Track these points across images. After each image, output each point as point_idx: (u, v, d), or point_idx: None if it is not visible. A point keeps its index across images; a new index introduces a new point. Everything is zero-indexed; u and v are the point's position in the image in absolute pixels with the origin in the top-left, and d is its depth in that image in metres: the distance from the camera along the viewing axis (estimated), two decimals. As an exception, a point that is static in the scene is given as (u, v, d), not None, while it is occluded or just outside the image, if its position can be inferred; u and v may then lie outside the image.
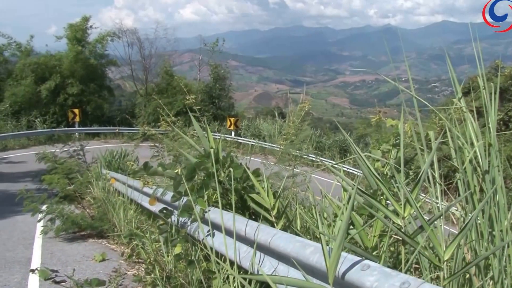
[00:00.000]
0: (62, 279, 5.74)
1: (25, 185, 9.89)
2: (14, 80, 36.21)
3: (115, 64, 41.07)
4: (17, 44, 37.76)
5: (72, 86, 35.92)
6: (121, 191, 9.22)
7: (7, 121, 32.53)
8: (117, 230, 7.83)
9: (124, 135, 34.19)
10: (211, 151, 4.62)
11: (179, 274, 5.07)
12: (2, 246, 8.10)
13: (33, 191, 8.60)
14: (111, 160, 14.08)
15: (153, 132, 8.01)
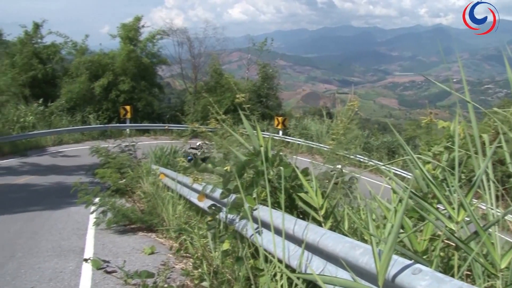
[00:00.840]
0: (113, 269, 5.89)
1: (79, 178, 10.20)
2: (70, 78, 37.48)
3: (165, 62, 41.75)
4: (73, 43, 39.11)
5: (124, 83, 36.74)
6: (170, 187, 9.38)
7: (62, 116, 33.71)
8: (166, 224, 7.98)
9: (173, 132, 34.76)
10: (261, 149, 4.64)
11: (226, 270, 5.14)
12: (58, 235, 8.41)
13: (87, 184, 8.87)
14: (161, 156, 14.33)
15: (202, 130, 8.11)
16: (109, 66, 37.33)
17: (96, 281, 5.65)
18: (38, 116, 31.96)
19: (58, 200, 12.76)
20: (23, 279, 5.88)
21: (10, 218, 10.40)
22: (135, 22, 38.65)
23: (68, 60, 40.57)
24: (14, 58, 36.52)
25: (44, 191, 15.19)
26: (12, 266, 6.46)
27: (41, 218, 10.44)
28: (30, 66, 36.20)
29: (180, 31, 42.31)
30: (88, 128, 33.42)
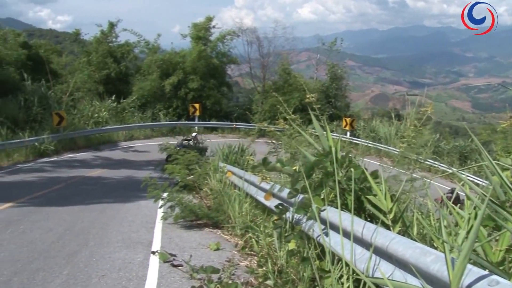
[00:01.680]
0: (179, 263, 6.01)
1: (149, 173, 10.48)
2: (142, 75, 38.77)
3: (235, 62, 42.18)
4: (145, 42, 40.36)
5: (193, 81, 37.43)
6: (237, 185, 9.47)
7: (134, 113, 34.82)
8: (232, 221, 8.06)
9: (240, 131, 35.10)
10: (331, 150, 4.60)
11: (291, 269, 5.13)
12: (127, 227, 8.68)
13: (156, 179, 9.10)
14: (228, 154, 14.47)
15: (271, 129, 8.13)
16: (179, 65, 38.18)
17: (163, 273, 5.78)
18: (111, 112, 33.17)
19: (128, 193, 13.18)
20: (95, 267, 6.11)
21: (84, 208, 10.84)
22: (206, 22, 39.33)
23: (141, 58, 41.90)
24: (90, 56, 38.10)
25: (115, 184, 15.73)
26: (85, 254, 6.73)
27: (112, 210, 10.82)
28: (104, 65, 37.59)
29: (249, 31, 42.72)
30: (158, 125, 34.37)
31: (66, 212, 10.32)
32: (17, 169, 19.12)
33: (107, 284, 5.42)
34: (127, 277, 5.69)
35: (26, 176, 17.10)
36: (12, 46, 35.44)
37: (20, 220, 9.29)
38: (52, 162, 21.21)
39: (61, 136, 25.15)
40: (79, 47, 40.61)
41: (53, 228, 8.55)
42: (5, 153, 20.84)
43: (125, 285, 5.41)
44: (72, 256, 6.61)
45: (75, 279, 5.61)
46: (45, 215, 9.92)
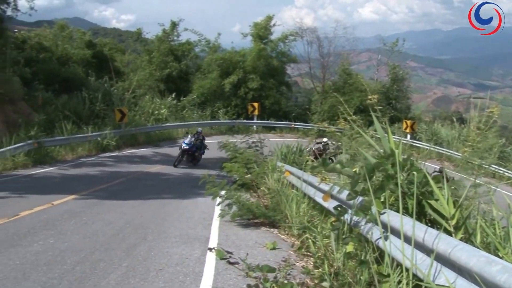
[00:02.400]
0: (235, 261, 6.05)
1: (207, 170, 10.61)
2: (202, 74, 39.33)
3: (295, 61, 42.07)
4: (206, 41, 40.97)
5: (253, 81, 37.62)
6: (294, 184, 9.43)
7: (194, 110, 35.36)
8: (289, 221, 8.03)
9: (299, 130, 35.00)
10: (393, 152, 4.51)
11: (348, 272, 5.06)
12: (185, 223, 8.82)
13: (214, 177, 9.19)
14: (287, 154, 14.43)
15: (332, 129, 8.06)
16: (239, 64, 38.46)
17: (219, 270, 5.82)
18: (171, 109, 33.84)
19: (186, 190, 13.39)
20: (153, 261, 6.23)
21: (143, 203, 11.10)
22: (267, 21, 39.46)
23: (201, 57, 42.51)
24: (152, 55, 38.97)
25: (173, 180, 16.02)
26: (143, 248, 6.87)
27: (171, 206, 11.02)
28: (166, 63, 38.37)
29: (309, 30, 42.46)
30: (216, 123, 34.76)
31: (126, 206, 10.60)
32: (80, 162, 19.85)
33: (164, 278, 5.51)
34: (184, 272, 5.77)
35: (89, 170, 17.72)
36: (78, 45, 36.75)
37: (83, 212, 9.62)
38: (113, 157, 21.87)
39: (123, 132, 25.90)
40: (141, 46, 41.69)
41: (114, 221, 8.79)
42: (69, 147, 21.67)
43: (182, 280, 5.48)
44: (131, 249, 6.77)
45: (134, 271, 5.74)
46: (106, 208, 10.23)
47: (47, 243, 6.97)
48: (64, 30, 38.05)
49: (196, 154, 19.91)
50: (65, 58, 33.72)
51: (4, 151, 17.24)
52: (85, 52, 35.99)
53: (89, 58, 36.01)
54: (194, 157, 19.86)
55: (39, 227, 8.04)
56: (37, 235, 7.41)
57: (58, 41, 35.60)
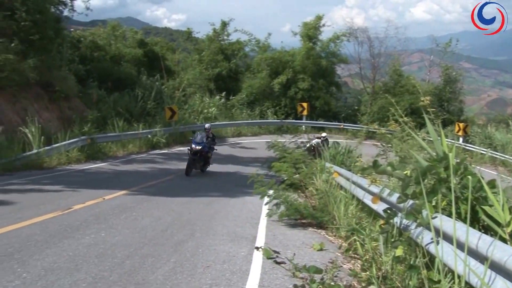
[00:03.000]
0: (282, 260, 6.03)
1: (256, 169, 10.64)
2: (251, 73, 39.50)
3: (345, 61, 41.71)
4: (256, 41, 41.07)
5: (303, 81, 37.54)
6: (343, 186, 9.34)
7: (243, 110, 35.57)
8: (337, 223, 7.96)
9: (348, 131, 34.68)
10: (446, 155, 4.40)
11: (396, 276, 4.97)
12: (233, 221, 8.88)
13: (263, 176, 9.20)
14: (335, 155, 14.31)
15: (382, 131, 7.93)
16: (289, 64, 38.44)
17: (266, 269, 5.82)
18: (220, 108, 34.12)
19: (234, 188, 13.47)
20: (200, 257, 6.29)
21: (191, 200, 11.23)
22: (317, 21, 39.31)
23: (251, 56, 42.72)
24: (202, 54, 39.40)
25: (222, 178, 16.14)
26: (191, 245, 6.95)
27: (219, 203, 11.11)
28: (216, 62, 38.71)
29: (360, 30, 41.95)
30: (265, 122, 34.86)
31: (174, 202, 10.76)
32: (131, 159, 20.30)
33: (211, 275, 5.55)
34: (231, 270, 5.80)
35: (139, 166, 18.10)
36: (130, 44, 37.54)
37: (133, 207, 9.83)
38: (163, 154, 22.27)
39: (172, 130, 26.34)
40: (191, 45, 42.23)
41: (162, 217, 8.94)
42: (121, 143, 22.21)
43: (229, 277, 5.51)
44: (179, 245, 6.85)
45: (181, 267, 5.81)
46: (155, 204, 10.42)
47: (98, 236, 7.16)
48: (117, 29, 38.94)
49: (209, 155, 17.06)
50: (118, 56, 34.53)
51: (59, 146, 17.81)
52: (137, 51, 36.71)
53: (141, 57, 36.71)
54: (207, 160, 16.96)
55: (91, 220, 8.26)
56: (89, 228, 7.63)
57: (112, 40, 36.48)
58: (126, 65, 34.06)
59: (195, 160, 16.02)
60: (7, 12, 19.15)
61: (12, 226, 7.43)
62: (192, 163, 15.94)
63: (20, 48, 19.30)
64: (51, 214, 8.52)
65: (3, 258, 5.77)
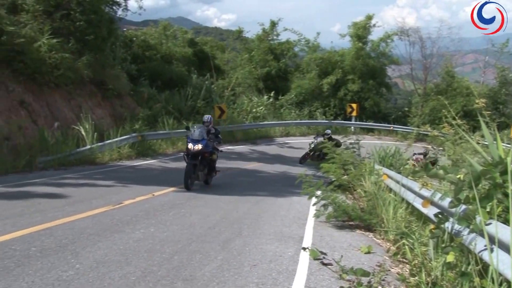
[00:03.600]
0: (329, 262, 6.00)
1: (304, 170, 10.60)
2: (301, 73, 39.39)
3: (396, 62, 41.00)
4: (305, 41, 40.97)
5: (353, 82, 37.24)
6: (392, 188, 9.20)
7: (291, 109, 35.55)
8: (385, 226, 7.84)
9: (397, 133, 34.14)
10: (502, 160, 4.26)
11: (446, 283, 4.86)
12: (280, 221, 8.88)
13: (311, 177, 9.16)
14: (384, 157, 14.10)
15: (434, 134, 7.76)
16: (338, 64, 38.16)
17: (312, 270, 5.80)
18: (268, 107, 34.20)
19: (282, 188, 13.47)
20: (247, 256, 6.32)
21: (239, 199, 11.30)
22: (367, 20, 38.83)
23: (300, 56, 42.62)
24: (252, 54, 39.58)
25: (269, 178, 16.17)
26: (238, 243, 6.99)
27: (266, 203, 11.13)
28: (265, 62, 38.81)
29: (412, 31, 41.07)
30: (314, 123, 34.74)
31: (222, 200, 10.85)
32: (180, 156, 20.45)
33: (258, 274, 5.57)
34: (277, 269, 5.80)
35: (188, 164, 18.32)
36: (180, 43, 38.07)
37: (181, 204, 9.99)
38: (211, 153, 22.45)
39: (221, 129, 26.49)
40: (241, 44, 42.51)
41: (211, 215, 9.03)
42: (170, 141, 22.59)
43: (275, 277, 5.52)
44: (226, 243, 6.91)
45: (228, 265, 5.85)
46: (203, 201, 10.54)
47: (147, 231, 7.31)
48: (168, 29, 39.56)
49: (214, 156, 13.06)
50: (169, 56, 35.08)
51: (111, 142, 18.27)
52: (187, 50, 37.19)
53: (191, 56, 37.18)
54: (212, 165, 12.97)
55: (141, 215, 8.45)
56: (139, 223, 7.80)
57: (163, 40, 37.09)
58: (177, 64, 34.58)
59: (195, 166, 12.04)
60: (64, 12, 19.80)
61: (67, 219, 7.70)
62: (191, 170, 11.91)
63: (75, 47, 19.95)
64: (103, 209, 8.76)
65: (58, 249, 6.00)
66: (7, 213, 7.87)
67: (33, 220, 7.47)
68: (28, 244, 6.08)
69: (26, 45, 17.20)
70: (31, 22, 18.42)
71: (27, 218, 7.59)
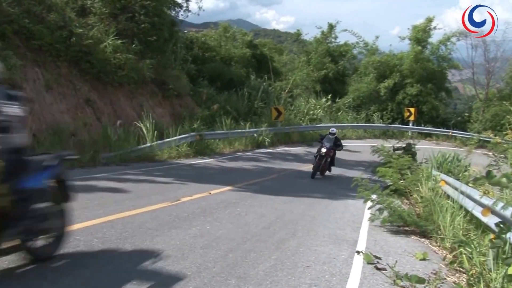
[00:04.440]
0: (383, 267, 5.97)
1: (360, 173, 10.54)
2: (358, 76, 38.98)
3: (457, 67, 39.83)
4: (364, 43, 40.48)
5: (411, 86, 36.52)
6: (450, 195, 9.02)
7: (348, 113, 35.29)
8: (442, 233, 7.72)
9: (456, 139, 33.23)
10: None
11: (506, 295, 4.75)
12: (334, 223, 8.88)
13: (367, 180, 9.11)
14: (442, 163, 13.79)
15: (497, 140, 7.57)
16: (396, 68, 37.51)
17: (366, 274, 5.79)
18: (325, 110, 34.05)
19: (337, 191, 13.40)
20: (301, 257, 6.36)
21: (294, 200, 11.32)
22: (426, 23, 37.86)
23: (358, 59, 42.20)
24: (310, 56, 39.46)
25: (325, 180, 16.10)
26: (292, 244, 7.05)
27: (321, 205, 11.12)
28: (323, 65, 38.62)
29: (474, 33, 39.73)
30: (371, 126, 34.40)
31: (277, 201, 10.90)
32: (236, 156, 20.82)
33: (311, 275, 5.61)
34: (330, 271, 5.82)
35: (244, 164, 18.51)
36: (239, 45, 38.44)
37: (237, 203, 10.12)
38: (267, 153, 22.61)
39: (278, 130, 26.71)
40: (299, 47, 42.44)
41: (265, 215, 9.12)
42: (228, 141, 22.87)
43: (328, 279, 5.54)
44: (280, 243, 6.97)
45: (282, 265, 5.91)
46: (259, 201, 10.63)
47: (204, 228, 7.47)
48: (227, 31, 39.99)
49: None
50: (228, 57, 35.49)
51: (170, 141, 18.67)
52: (245, 51, 37.49)
53: (249, 58, 37.46)
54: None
55: (197, 213, 8.63)
56: (195, 220, 7.97)
57: (222, 42, 37.54)
58: (236, 66, 34.95)
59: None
60: (128, 15, 20.46)
61: (127, 213, 7.96)
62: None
63: (138, 48, 20.54)
64: (161, 204, 9.00)
65: (118, 241, 6.23)
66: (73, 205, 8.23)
67: (96, 212, 7.77)
68: (91, 236, 6.35)
69: (93, 46, 17.96)
70: (98, 24, 19.18)
71: (90, 210, 7.90)
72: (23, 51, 15.46)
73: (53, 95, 16.16)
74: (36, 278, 4.69)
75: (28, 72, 15.25)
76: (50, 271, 4.90)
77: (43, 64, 16.24)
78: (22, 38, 15.70)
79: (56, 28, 16.75)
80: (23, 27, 15.53)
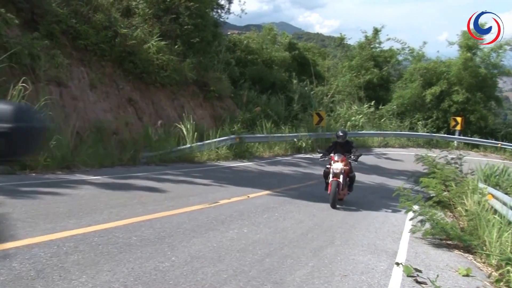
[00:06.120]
0: (423, 280, 5.80)
1: (402, 183, 10.28)
2: (403, 83, 38.18)
3: (508, 74, 38.57)
4: (410, 49, 39.65)
5: (458, 93, 35.48)
6: (497, 210, 8.68)
7: (392, 120, 34.62)
8: (487, 249, 7.42)
9: (505, 151, 32.09)
10: None
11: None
12: (373, 233, 8.68)
13: (410, 190, 8.87)
14: (490, 175, 13.34)
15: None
16: (443, 75, 36.53)
17: (405, 287, 5.62)
18: (368, 117, 33.54)
19: (377, 200, 13.16)
20: (338, 266, 6.23)
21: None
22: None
23: (403, 65, 41.40)
24: (353, 61, 38.99)
25: (366, 189, 15.82)
26: (330, 251, 6.92)
27: (360, 214, 10.92)
28: (366, 70, 38.11)
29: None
30: (414, 135, 33.66)
31: (316, 207, 10.77)
32: (276, 160, 20.75)
33: (348, 285, 5.49)
34: (368, 282, 5.67)
35: (284, 169, 18.43)
36: (280, 48, 38.35)
37: (275, 208, 10.04)
38: (307, 159, 22.43)
39: (318, 135, 26.45)
40: (342, 51, 42.00)
41: (304, 221, 9.01)
42: (267, 145, 22.81)
43: (366, 290, 5.40)
44: (318, 251, 6.86)
45: (319, 272, 5.80)
46: (297, 207, 10.52)
47: (241, 232, 7.42)
48: (270, 33, 39.94)
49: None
50: (270, 60, 35.46)
51: (210, 143, 18.74)
52: (286, 54, 37.34)
53: (291, 61, 37.31)
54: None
55: (235, 216, 8.59)
56: (233, 223, 7.94)
57: (264, 44, 37.53)
58: (278, 69, 34.88)
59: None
60: (172, 16, 20.68)
61: (165, 213, 8.00)
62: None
63: (181, 50, 20.76)
64: (199, 206, 9.01)
65: (156, 240, 6.26)
66: (113, 203, 8.30)
67: (135, 211, 7.83)
68: (130, 233, 6.39)
69: (136, 47, 18.23)
70: (142, 25, 19.48)
71: (130, 209, 7.98)
72: (69, 50, 15.82)
73: (97, 94, 16.48)
74: (76, 271, 4.71)
75: (73, 71, 15.61)
76: (89, 266, 4.91)
77: (88, 63, 16.60)
78: (69, 38, 16.07)
79: (101, 28, 17.11)
80: (70, 27, 15.90)
